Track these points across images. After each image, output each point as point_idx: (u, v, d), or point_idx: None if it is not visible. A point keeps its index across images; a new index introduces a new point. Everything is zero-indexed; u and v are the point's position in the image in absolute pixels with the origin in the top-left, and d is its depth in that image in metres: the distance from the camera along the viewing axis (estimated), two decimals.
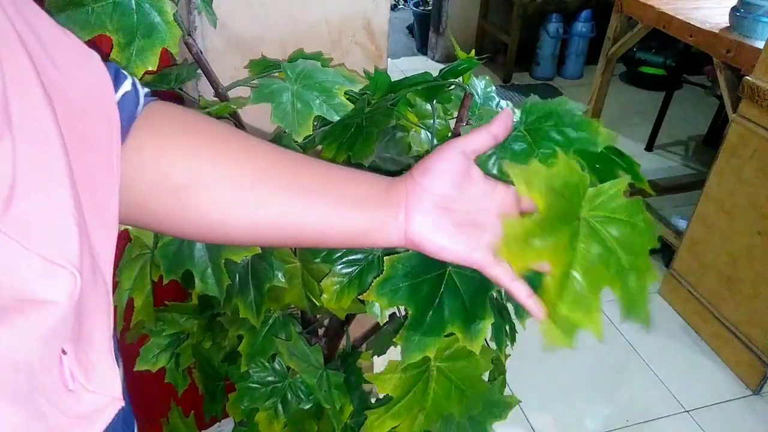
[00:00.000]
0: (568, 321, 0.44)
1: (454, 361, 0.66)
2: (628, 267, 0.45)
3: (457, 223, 0.45)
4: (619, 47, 2.36)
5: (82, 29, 0.58)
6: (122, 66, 0.60)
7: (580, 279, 0.44)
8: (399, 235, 0.45)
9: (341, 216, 0.44)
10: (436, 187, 0.44)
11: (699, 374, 1.81)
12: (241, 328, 0.79)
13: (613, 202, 0.46)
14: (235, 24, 0.88)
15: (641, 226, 0.46)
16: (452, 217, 0.45)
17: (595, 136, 0.52)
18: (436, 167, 0.45)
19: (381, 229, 0.45)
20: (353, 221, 0.44)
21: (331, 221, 0.44)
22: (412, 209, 0.44)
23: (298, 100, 0.66)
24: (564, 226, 0.44)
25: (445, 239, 0.44)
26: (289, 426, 0.82)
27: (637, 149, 2.96)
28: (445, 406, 0.67)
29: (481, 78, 0.73)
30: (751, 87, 1.62)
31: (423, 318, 0.56)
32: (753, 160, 1.67)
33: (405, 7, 4.73)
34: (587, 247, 0.44)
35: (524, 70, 3.82)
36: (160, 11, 0.60)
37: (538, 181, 0.43)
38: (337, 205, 0.44)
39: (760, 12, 1.77)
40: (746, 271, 1.74)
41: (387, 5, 0.97)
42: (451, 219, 0.45)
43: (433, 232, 0.44)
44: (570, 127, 0.52)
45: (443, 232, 0.44)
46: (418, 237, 0.44)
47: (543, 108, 0.55)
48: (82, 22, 0.58)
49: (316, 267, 0.71)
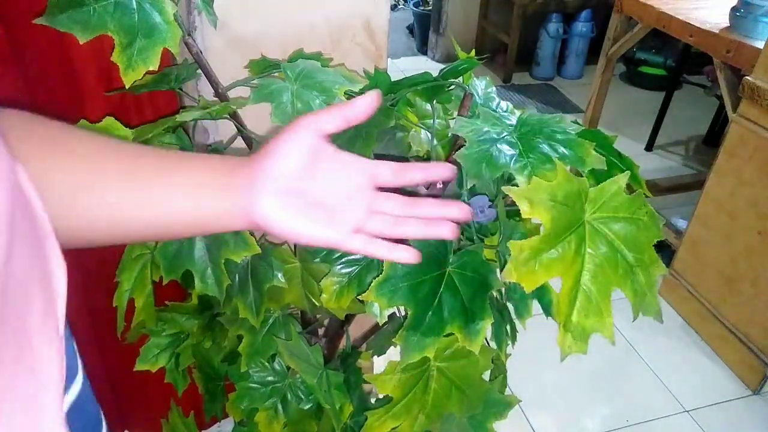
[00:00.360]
0: (581, 328, 0.45)
1: (454, 361, 0.66)
2: (636, 264, 0.46)
3: (307, 204, 0.44)
4: (619, 47, 2.37)
5: (83, 29, 0.58)
6: (124, 66, 0.60)
7: (590, 285, 0.45)
8: (245, 219, 0.44)
9: (181, 206, 0.43)
10: (280, 169, 0.43)
11: (699, 374, 1.81)
12: (241, 328, 0.79)
13: (615, 201, 0.46)
14: (235, 24, 0.88)
15: (644, 221, 0.46)
16: (302, 198, 0.44)
17: (585, 156, 0.52)
18: (280, 149, 0.44)
19: (224, 215, 0.44)
20: (194, 210, 0.43)
21: (171, 212, 0.43)
22: (257, 193, 0.43)
23: (298, 100, 0.66)
24: (570, 234, 0.44)
25: (294, 220, 0.43)
26: (289, 426, 0.82)
27: (637, 149, 2.96)
28: (446, 406, 0.67)
29: (481, 78, 0.73)
30: (751, 87, 1.62)
31: (422, 318, 0.56)
32: (753, 160, 1.67)
33: (405, 7, 4.73)
34: (594, 251, 0.45)
35: (524, 70, 3.82)
36: (161, 11, 0.60)
37: (539, 196, 0.44)
38: (176, 195, 0.43)
39: (760, 12, 1.77)
40: (746, 271, 1.74)
41: (387, 5, 0.97)
42: (301, 199, 0.44)
43: (280, 214, 0.43)
44: (561, 144, 0.53)
45: (292, 213, 0.43)
46: (264, 220, 0.43)
47: (538, 122, 0.56)
48: (83, 23, 0.58)
49: (315, 267, 0.71)
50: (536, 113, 0.57)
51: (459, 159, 0.52)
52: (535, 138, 0.54)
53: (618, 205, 0.46)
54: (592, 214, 0.46)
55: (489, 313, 0.56)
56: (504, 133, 0.54)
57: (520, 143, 0.53)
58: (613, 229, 0.46)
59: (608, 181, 0.47)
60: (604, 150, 0.61)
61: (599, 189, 0.47)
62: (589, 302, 0.45)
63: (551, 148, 0.52)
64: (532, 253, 0.43)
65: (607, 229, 0.45)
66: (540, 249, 0.43)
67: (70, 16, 0.58)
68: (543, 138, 0.53)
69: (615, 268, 0.45)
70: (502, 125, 0.56)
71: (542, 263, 0.43)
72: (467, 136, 0.53)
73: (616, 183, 0.47)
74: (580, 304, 0.44)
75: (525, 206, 0.43)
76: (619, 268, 0.45)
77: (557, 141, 0.53)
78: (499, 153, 0.52)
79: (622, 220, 0.46)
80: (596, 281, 0.45)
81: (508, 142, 0.53)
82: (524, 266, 0.43)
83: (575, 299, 0.44)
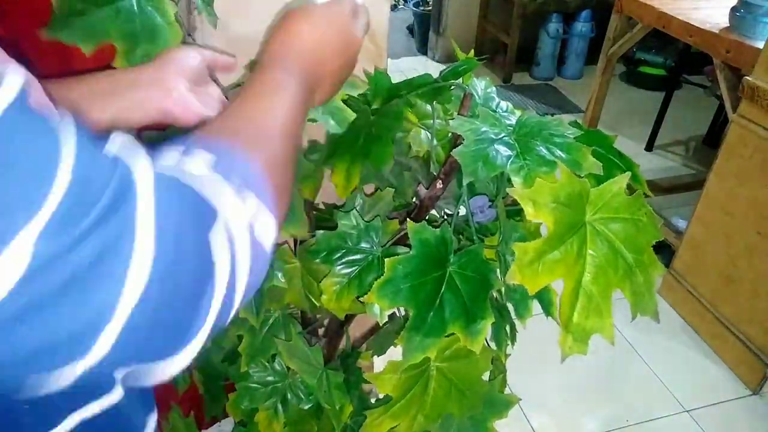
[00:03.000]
0: (582, 329, 0.45)
1: (453, 361, 0.66)
2: (635, 265, 0.46)
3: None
4: (619, 47, 2.37)
5: (86, 39, 0.58)
6: None
7: (591, 286, 0.45)
8: (168, 99, 0.58)
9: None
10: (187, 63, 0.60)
11: (699, 374, 1.81)
12: (241, 328, 0.79)
13: (615, 202, 0.46)
14: (235, 24, 0.88)
15: (644, 221, 0.47)
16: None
17: (582, 160, 0.52)
18: (182, 55, 0.60)
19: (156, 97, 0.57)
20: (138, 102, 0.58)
21: None
22: (176, 78, 0.58)
23: None
24: (572, 236, 0.44)
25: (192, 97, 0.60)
26: (288, 426, 0.82)
27: (637, 149, 2.96)
28: (445, 406, 0.67)
29: (481, 78, 0.73)
30: (751, 87, 1.62)
31: (424, 319, 0.56)
32: (753, 160, 1.67)
33: (405, 7, 4.73)
34: (595, 252, 0.45)
35: (524, 70, 3.82)
36: (163, 13, 0.61)
37: (543, 197, 0.44)
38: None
39: (760, 12, 1.77)
40: (746, 271, 1.74)
41: (387, 5, 0.97)
42: None
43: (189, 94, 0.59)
44: (558, 148, 0.53)
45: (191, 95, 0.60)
46: (180, 98, 0.58)
47: (537, 124, 0.55)
48: (86, 32, 0.58)
49: (315, 267, 0.71)
50: (535, 115, 0.57)
51: (456, 155, 0.52)
52: (532, 140, 0.54)
53: (618, 205, 0.46)
54: (593, 215, 0.46)
55: (490, 313, 0.56)
56: (502, 134, 0.54)
57: (518, 145, 0.53)
58: (613, 229, 0.46)
59: (609, 182, 0.47)
60: (604, 150, 0.62)
61: (600, 190, 0.47)
62: (590, 303, 0.45)
63: (548, 151, 0.52)
64: (536, 255, 0.43)
65: (607, 230, 0.46)
66: (544, 251, 0.43)
67: (72, 26, 0.58)
68: (541, 140, 0.53)
69: (615, 269, 0.45)
70: (501, 126, 0.56)
71: (546, 265, 0.43)
72: (465, 134, 0.53)
73: (617, 184, 0.47)
74: (582, 306, 0.45)
75: (530, 208, 0.43)
76: (619, 269, 0.45)
77: (555, 144, 0.53)
78: (496, 153, 0.52)
79: (623, 220, 0.46)
80: (597, 282, 0.45)
81: (506, 143, 0.53)
82: (528, 268, 0.43)
83: (577, 300, 0.45)
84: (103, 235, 0.26)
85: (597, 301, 0.45)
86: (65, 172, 0.25)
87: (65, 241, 0.25)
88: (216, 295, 0.33)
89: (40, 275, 0.24)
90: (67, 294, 0.25)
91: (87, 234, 0.26)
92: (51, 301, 0.25)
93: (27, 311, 0.25)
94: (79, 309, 0.26)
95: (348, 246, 0.66)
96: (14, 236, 0.24)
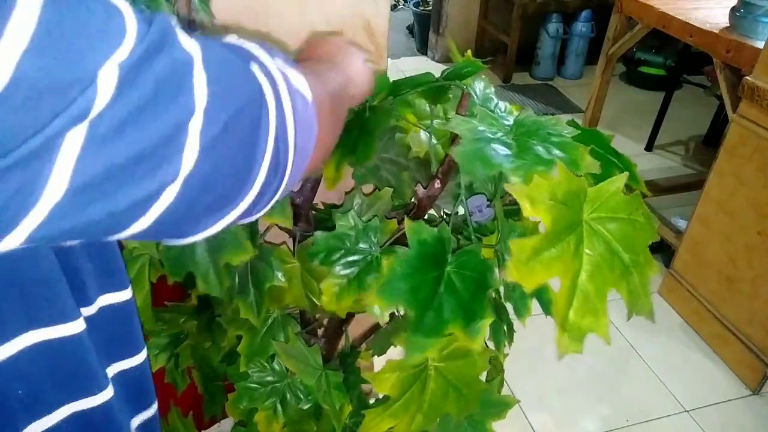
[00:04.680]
0: (577, 327, 0.45)
1: (451, 361, 0.66)
2: (631, 265, 0.46)
3: None
4: (619, 47, 2.36)
5: None
6: None
7: (587, 285, 0.45)
8: None
9: None
10: None
11: (699, 374, 1.81)
12: (240, 329, 0.79)
13: (613, 201, 0.46)
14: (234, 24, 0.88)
15: (641, 222, 0.47)
16: None
17: (579, 159, 0.52)
18: None
19: None
20: None
21: None
22: None
23: None
24: (569, 234, 0.44)
25: None
26: (288, 426, 0.82)
27: (637, 149, 2.96)
28: (443, 406, 0.67)
29: (480, 79, 0.73)
30: (751, 87, 1.62)
31: (423, 319, 0.56)
32: (753, 160, 1.67)
33: (405, 7, 4.73)
34: (592, 251, 0.45)
35: (524, 70, 3.82)
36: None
37: (541, 194, 0.44)
38: None
39: (760, 12, 1.77)
40: (746, 271, 1.74)
41: (387, 5, 0.97)
42: None
43: None
44: (556, 147, 0.53)
45: None
46: None
47: (534, 123, 0.55)
48: None
49: (315, 267, 0.71)
50: (533, 115, 0.57)
51: (453, 155, 0.52)
52: (530, 139, 0.54)
53: (616, 205, 0.46)
54: (590, 214, 0.46)
55: (489, 312, 0.56)
56: (499, 134, 0.54)
57: (515, 144, 0.53)
58: (610, 229, 0.46)
59: (607, 181, 0.47)
60: (602, 149, 0.62)
61: (598, 189, 0.47)
62: (585, 302, 0.45)
63: (546, 150, 0.52)
64: (532, 252, 0.43)
65: (604, 230, 0.46)
66: (541, 248, 0.43)
67: None
68: (538, 140, 0.53)
69: (611, 268, 0.45)
70: (499, 125, 0.56)
71: (542, 262, 0.43)
72: (463, 134, 0.53)
73: (615, 183, 0.47)
74: (577, 304, 0.45)
75: (527, 204, 0.43)
76: (616, 269, 0.45)
77: (552, 143, 0.53)
78: (493, 152, 0.52)
79: (620, 220, 0.46)
80: (593, 281, 0.45)
81: (503, 142, 0.53)
82: (525, 265, 0.43)
83: (573, 299, 0.45)
84: (173, 56, 0.29)
85: (593, 300, 0.45)
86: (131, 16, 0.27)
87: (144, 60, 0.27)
88: (270, 128, 0.34)
89: (128, 89, 0.26)
90: (157, 101, 0.27)
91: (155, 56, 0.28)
92: (141, 115, 0.27)
93: (125, 122, 0.26)
94: (163, 118, 0.28)
95: (346, 247, 0.66)
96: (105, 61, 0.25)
